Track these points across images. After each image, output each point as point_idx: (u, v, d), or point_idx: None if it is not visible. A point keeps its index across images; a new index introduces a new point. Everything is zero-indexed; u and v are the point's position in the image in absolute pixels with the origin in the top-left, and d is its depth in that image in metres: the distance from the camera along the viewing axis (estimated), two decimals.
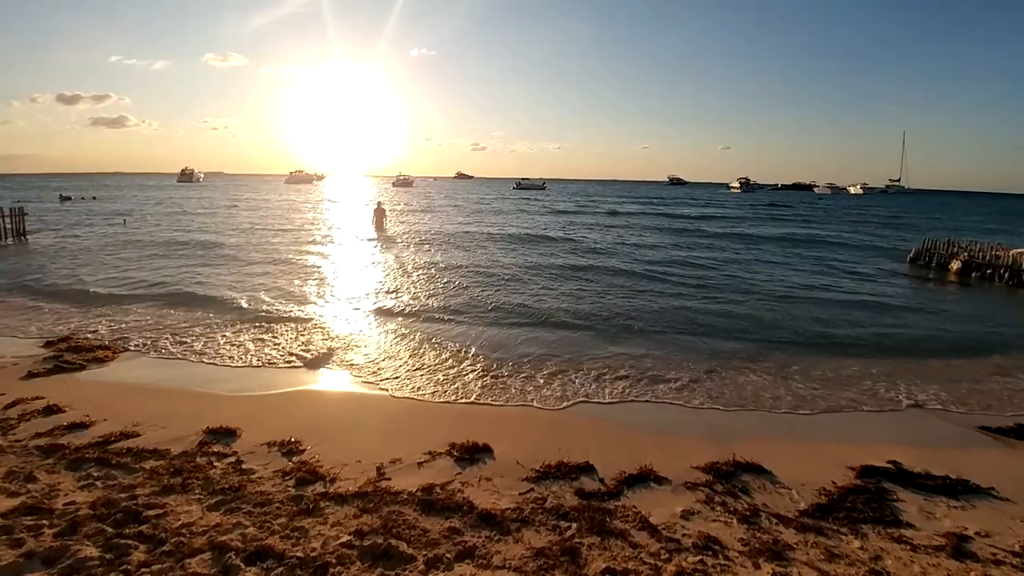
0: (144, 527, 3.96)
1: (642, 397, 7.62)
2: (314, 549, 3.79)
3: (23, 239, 23.63)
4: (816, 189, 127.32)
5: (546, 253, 22.61)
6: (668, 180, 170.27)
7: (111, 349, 9.06)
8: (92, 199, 52.98)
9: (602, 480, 5.18)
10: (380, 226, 30.56)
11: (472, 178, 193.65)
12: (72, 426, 6.01)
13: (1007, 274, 17.03)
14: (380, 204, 32.89)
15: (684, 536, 4.21)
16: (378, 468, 5.25)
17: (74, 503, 4.29)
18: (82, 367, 8.20)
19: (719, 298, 14.30)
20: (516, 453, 5.69)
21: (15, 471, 4.84)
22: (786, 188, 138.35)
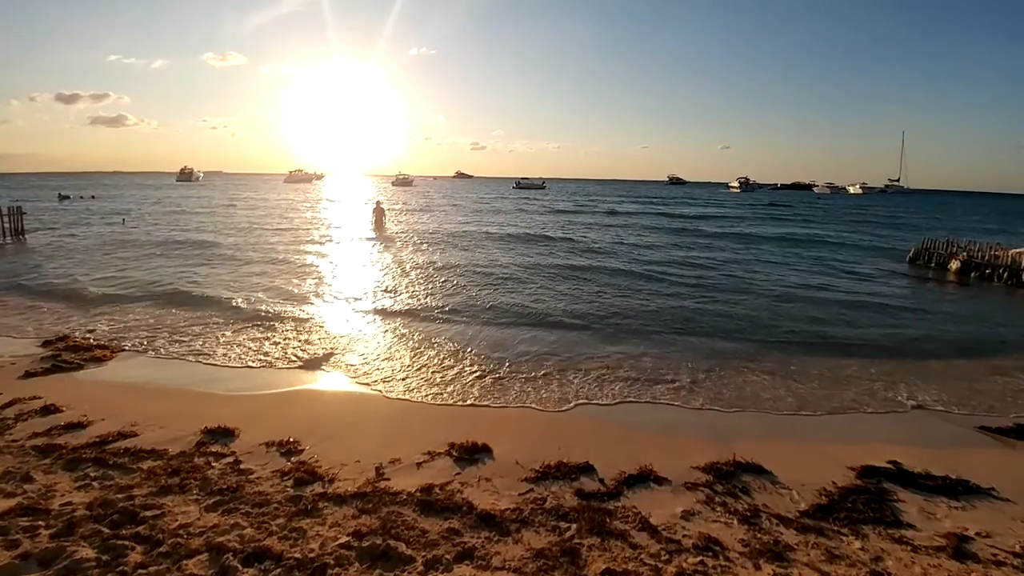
0: (141, 528, 3.94)
1: (641, 397, 7.60)
2: (312, 550, 3.77)
3: (21, 238, 23.61)
4: (815, 189, 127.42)
5: (545, 253, 22.59)
6: (668, 180, 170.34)
7: (109, 349, 9.03)
8: (91, 198, 52.86)
9: (602, 480, 5.17)
10: (379, 225, 30.53)
11: (472, 177, 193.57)
12: (69, 426, 5.98)
13: (1006, 274, 17.04)
14: (379, 203, 32.85)
15: (684, 537, 4.19)
16: (377, 468, 5.23)
17: (71, 504, 4.27)
18: (80, 367, 8.17)
19: (718, 298, 14.30)
20: (515, 453, 5.67)
21: (12, 471, 4.81)
22: (785, 188, 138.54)
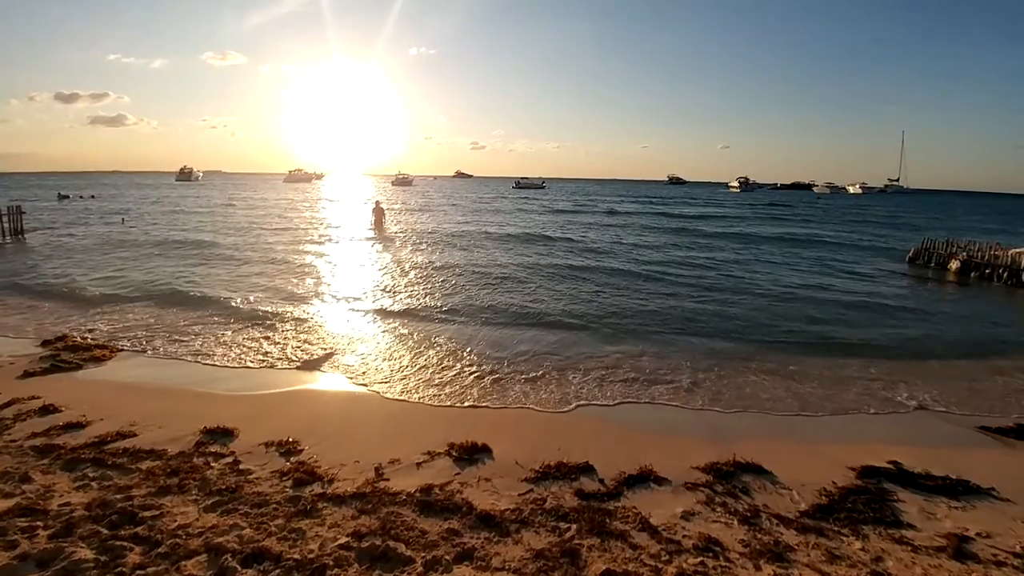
0: (140, 528, 3.93)
1: (641, 398, 7.59)
2: (311, 551, 3.76)
3: (21, 238, 23.59)
4: (815, 189, 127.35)
5: (544, 252, 22.57)
6: (667, 179, 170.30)
7: (108, 348, 9.01)
8: (90, 198, 52.80)
9: (602, 481, 5.16)
10: (379, 225, 30.50)
11: (471, 177, 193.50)
12: (68, 426, 5.97)
13: (1006, 274, 17.04)
14: (378, 203, 32.80)
15: (684, 537, 4.19)
16: (376, 468, 5.22)
17: (69, 504, 4.26)
18: (79, 366, 8.15)
19: (718, 298, 14.28)
20: (515, 453, 5.66)
21: (10, 472, 4.80)
22: (785, 187, 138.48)
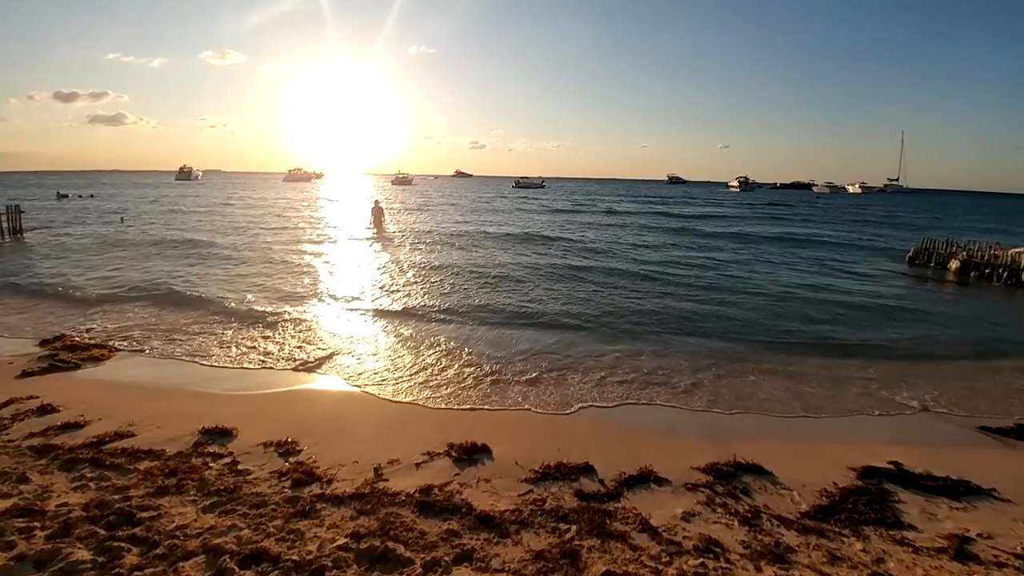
0: (137, 529, 3.91)
1: (641, 398, 7.57)
2: (310, 552, 3.74)
3: (20, 237, 23.55)
4: (815, 188, 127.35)
5: (544, 253, 22.55)
6: (667, 179, 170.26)
7: (107, 348, 8.99)
8: (90, 197, 52.74)
9: (602, 481, 5.14)
10: (378, 225, 30.47)
11: (471, 176, 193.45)
12: (66, 426, 5.95)
13: (1005, 274, 17.03)
14: (377, 203, 32.76)
15: (685, 538, 4.17)
16: (376, 469, 5.20)
17: (67, 505, 4.24)
18: (77, 366, 8.13)
19: (717, 298, 14.26)
20: (515, 454, 5.64)
21: (8, 472, 4.78)
22: (785, 187, 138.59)
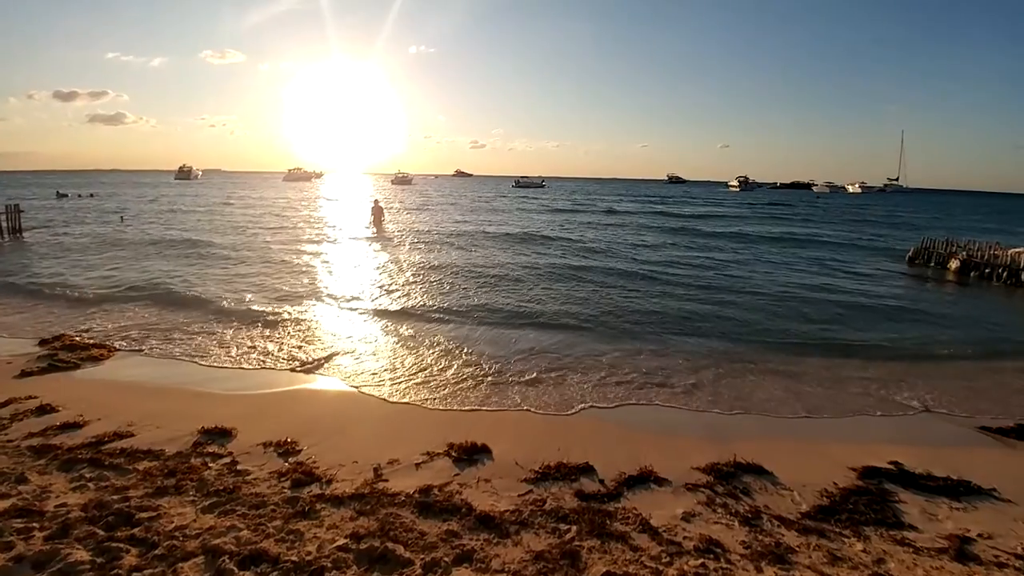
0: (136, 530, 3.89)
1: (641, 398, 7.56)
2: (309, 553, 3.73)
3: (19, 236, 23.52)
4: (815, 188, 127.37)
5: (544, 252, 22.53)
6: (667, 178, 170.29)
7: (106, 348, 8.97)
8: (89, 196, 52.71)
9: (602, 481, 5.13)
10: (377, 224, 30.44)
11: (471, 176, 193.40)
12: (65, 426, 5.94)
13: (1005, 273, 17.03)
14: (376, 202, 32.72)
15: (685, 539, 4.16)
16: (375, 469, 5.19)
17: (65, 505, 4.23)
18: (76, 366, 8.12)
19: (717, 298, 14.25)
20: (515, 454, 5.63)
21: (6, 472, 4.77)
22: (785, 187, 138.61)
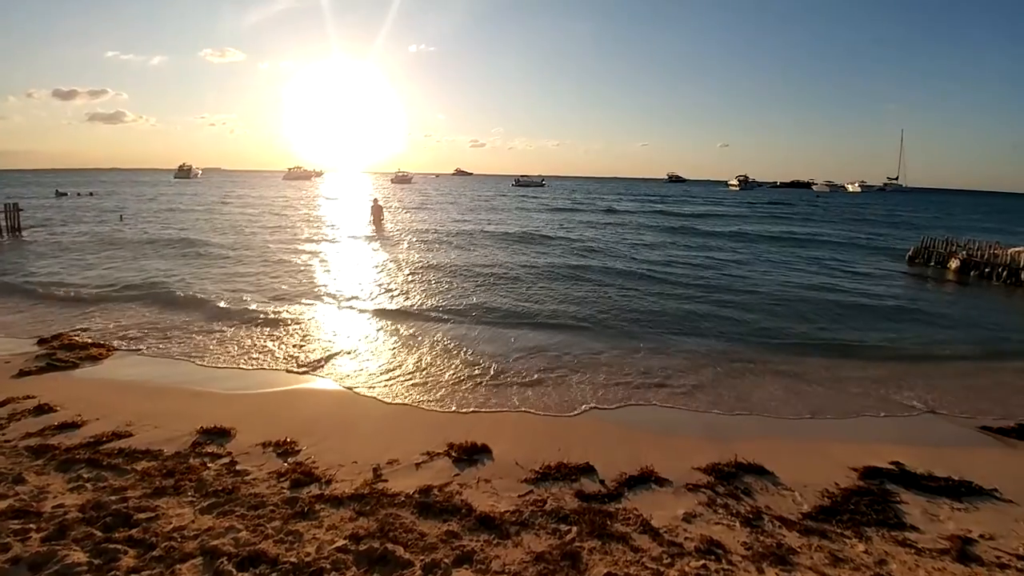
0: (134, 531, 3.87)
1: (641, 399, 7.54)
2: (308, 554, 3.71)
3: (18, 235, 23.47)
4: (814, 187, 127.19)
5: (544, 252, 22.50)
6: (667, 177, 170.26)
7: (105, 347, 8.94)
8: (88, 195, 52.63)
9: (602, 482, 5.11)
10: (377, 223, 30.41)
11: (471, 175, 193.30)
12: (63, 426, 5.91)
13: (1005, 273, 17.02)
14: (376, 201, 32.69)
15: (686, 539, 4.14)
16: (375, 469, 5.17)
17: (63, 506, 4.20)
18: (75, 365, 8.09)
19: (717, 298, 14.22)
20: (515, 454, 5.61)
21: (4, 472, 4.74)
22: (785, 186, 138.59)
